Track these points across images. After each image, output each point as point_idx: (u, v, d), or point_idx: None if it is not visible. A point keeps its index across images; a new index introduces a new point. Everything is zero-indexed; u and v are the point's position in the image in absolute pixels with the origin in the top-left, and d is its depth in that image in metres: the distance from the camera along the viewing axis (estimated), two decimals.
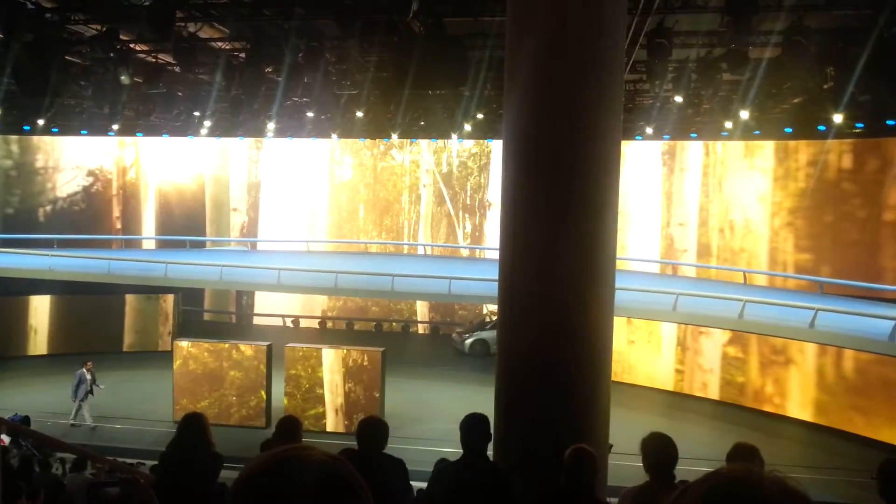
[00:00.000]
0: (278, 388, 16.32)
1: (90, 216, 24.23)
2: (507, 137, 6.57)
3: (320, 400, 15.60)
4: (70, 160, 24.29)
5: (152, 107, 16.91)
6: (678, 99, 13.94)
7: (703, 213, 19.45)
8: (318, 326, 24.90)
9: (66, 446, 6.97)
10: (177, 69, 14.39)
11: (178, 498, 4.24)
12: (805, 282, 17.19)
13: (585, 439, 4.81)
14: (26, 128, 21.20)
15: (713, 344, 18.89)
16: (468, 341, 22.24)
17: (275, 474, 1.15)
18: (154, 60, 14.58)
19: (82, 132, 22.41)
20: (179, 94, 16.35)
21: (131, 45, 13.51)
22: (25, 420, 13.27)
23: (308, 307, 24.40)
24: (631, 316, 17.26)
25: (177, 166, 25.09)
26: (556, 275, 6.16)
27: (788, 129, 17.19)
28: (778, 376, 17.78)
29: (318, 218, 24.69)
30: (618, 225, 6.63)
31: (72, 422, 15.97)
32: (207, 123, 19.55)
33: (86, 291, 20.85)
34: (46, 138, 23.69)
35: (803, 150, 17.60)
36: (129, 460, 9.91)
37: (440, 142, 23.28)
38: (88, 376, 16.07)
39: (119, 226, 24.66)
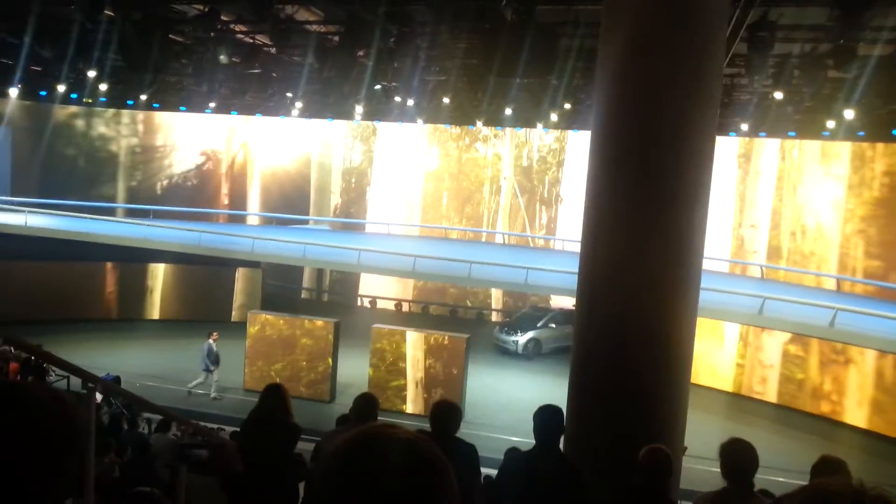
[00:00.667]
0: (349, 366, 16.99)
1: (202, 192, 25.68)
2: (595, 129, 6.46)
3: (402, 373, 16.33)
4: (186, 140, 25.67)
5: (247, 86, 17.43)
6: (778, 95, 13.38)
7: (776, 216, 19.52)
8: (393, 308, 25.28)
9: (155, 407, 7.32)
10: (272, 50, 14.78)
11: (258, 465, 4.40)
12: (874, 288, 17.04)
13: (661, 440, 4.72)
14: (129, 102, 22.23)
15: (775, 343, 18.55)
16: (521, 341, 21.13)
17: (364, 451, 1.17)
18: (251, 41, 15.02)
19: (181, 108, 23.35)
20: (274, 74, 16.80)
21: (231, 26, 13.94)
22: (116, 380, 13.99)
23: (404, 289, 24.84)
24: (715, 317, 16.88)
25: (282, 149, 26.11)
26: (639, 272, 6.03)
27: None
28: (841, 378, 17.35)
29: (413, 204, 25.21)
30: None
31: (213, 395, 16.29)
32: (298, 104, 20.03)
33: (199, 262, 21.89)
34: (166, 120, 25.17)
35: (879, 160, 17.41)
36: (210, 425, 10.36)
37: (522, 136, 23.37)
38: (215, 347, 16.52)
39: (227, 202, 26.02)
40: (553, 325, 21.32)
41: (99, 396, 11.19)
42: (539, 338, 21.19)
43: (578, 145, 23.43)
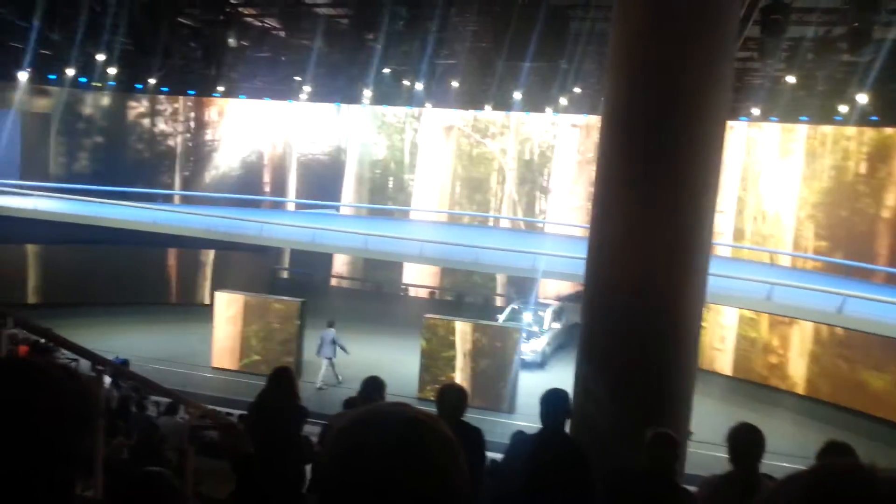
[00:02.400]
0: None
1: (245, 180, 26.53)
2: (605, 113, 6.41)
3: (452, 345, 17.13)
4: (233, 132, 26.37)
5: (256, 70, 17.39)
6: (790, 79, 13.23)
7: (741, 203, 21.29)
8: (401, 293, 25.39)
9: (163, 390, 7.36)
10: (281, 34, 14.73)
11: (266, 447, 4.42)
12: (822, 264, 19.30)
13: (667, 424, 4.71)
14: (138, 86, 22.21)
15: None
16: (539, 349, 19.08)
17: (373, 428, 1.15)
18: (260, 24, 14.97)
19: (189, 92, 23.34)
20: (283, 58, 16.74)
21: (239, 9, 13.90)
22: (125, 363, 14.06)
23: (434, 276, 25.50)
24: (721, 303, 17.00)
25: (318, 139, 26.60)
26: (648, 256, 6.00)
27: None
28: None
29: (430, 192, 26.07)
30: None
31: (318, 385, 15.93)
32: (307, 88, 19.98)
33: (244, 248, 22.37)
34: (214, 115, 25.86)
35: (828, 155, 19.68)
36: (218, 408, 10.42)
37: (525, 133, 24.55)
38: (328, 335, 16.56)
39: (267, 189, 26.98)
40: (555, 325, 20.57)
41: (108, 380, 11.28)
42: (550, 341, 19.94)
43: (565, 140, 24.19)
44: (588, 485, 4.42)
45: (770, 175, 20.67)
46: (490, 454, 5.42)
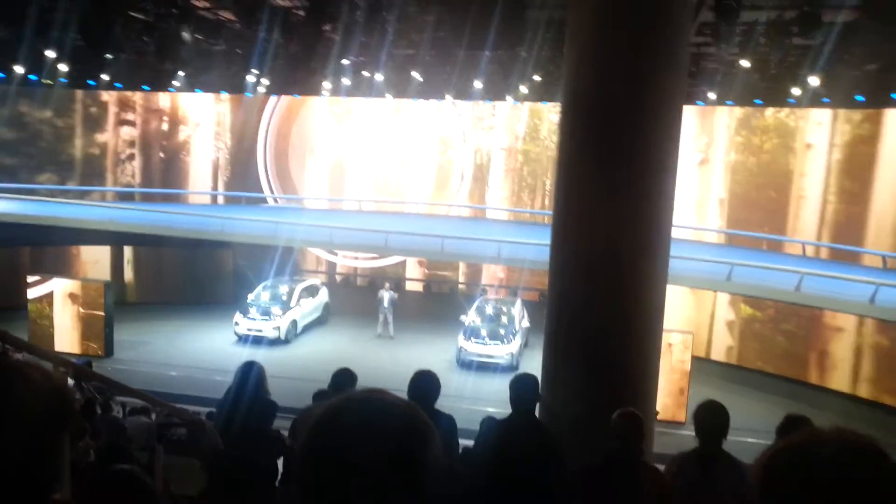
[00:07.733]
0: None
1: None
2: (565, 100, 6.46)
3: None
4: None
5: (211, 63, 17.11)
6: (745, 63, 13.45)
7: None
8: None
9: (128, 390, 7.26)
10: (236, 26, 14.50)
11: (237, 443, 4.40)
12: None
13: (633, 404, 4.80)
14: (91, 82, 21.68)
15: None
16: (283, 326, 19.16)
17: (353, 413, 1.16)
18: (214, 17, 14.72)
19: (143, 87, 22.86)
20: (238, 51, 16.48)
21: (193, 2, 13.65)
22: (87, 363, 13.79)
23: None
24: (683, 284, 17.23)
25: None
26: (609, 238, 6.09)
27: (860, 97, 16.51)
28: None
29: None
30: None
31: (378, 332, 19.56)
32: (265, 81, 19.71)
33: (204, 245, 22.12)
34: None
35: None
36: (186, 406, 10.29)
37: (476, 145, 25.39)
38: (386, 295, 19.83)
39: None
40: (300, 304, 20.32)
41: (70, 381, 11.04)
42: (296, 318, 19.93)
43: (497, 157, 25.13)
44: (558, 468, 4.49)
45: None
46: (462, 441, 5.45)
